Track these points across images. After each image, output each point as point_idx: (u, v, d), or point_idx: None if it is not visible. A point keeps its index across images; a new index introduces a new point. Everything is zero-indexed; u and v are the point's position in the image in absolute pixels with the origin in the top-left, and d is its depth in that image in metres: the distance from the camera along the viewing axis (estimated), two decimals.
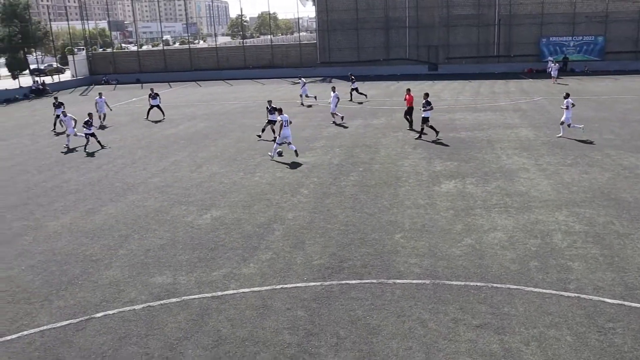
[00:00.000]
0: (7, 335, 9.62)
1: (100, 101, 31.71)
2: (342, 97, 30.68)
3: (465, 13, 53.26)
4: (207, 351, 8.84)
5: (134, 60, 62.58)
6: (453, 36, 53.66)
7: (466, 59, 53.77)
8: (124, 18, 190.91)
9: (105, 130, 29.92)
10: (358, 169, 19.35)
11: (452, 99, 36.05)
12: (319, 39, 56.76)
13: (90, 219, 15.42)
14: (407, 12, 53.78)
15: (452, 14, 53.36)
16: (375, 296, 10.34)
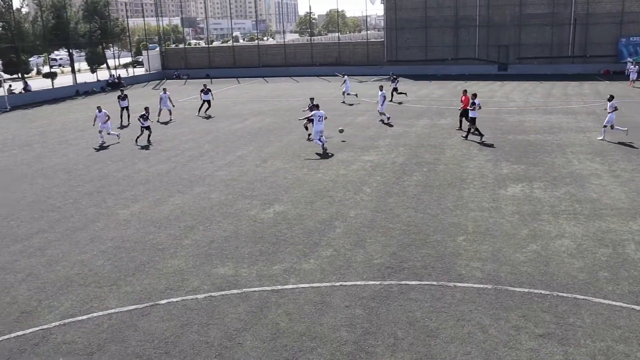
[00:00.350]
0: (78, 316, 10.11)
1: (165, 97, 32.10)
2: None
3: (538, 12, 51.59)
4: (265, 343, 8.99)
5: (204, 56, 64.19)
6: (525, 35, 52.10)
7: (538, 59, 52.10)
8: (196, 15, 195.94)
9: (173, 124, 30.85)
10: (422, 169, 19.14)
11: (521, 100, 35.04)
12: (387, 37, 56.40)
13: (158, 209, 15.96)
14: (477, 11, 52.64)
15: (524, 13, 51.81)
16: (435, 298, 10.21)
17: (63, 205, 16.71)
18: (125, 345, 9.11)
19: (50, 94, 46.92)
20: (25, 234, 14.42)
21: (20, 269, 12.27)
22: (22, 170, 21.45)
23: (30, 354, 8.98)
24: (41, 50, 53.01)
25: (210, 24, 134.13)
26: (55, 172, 21.00)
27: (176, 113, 33.49)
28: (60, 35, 51.72)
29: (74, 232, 14.39)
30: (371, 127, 27.31)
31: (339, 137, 24.24)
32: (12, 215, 15.98)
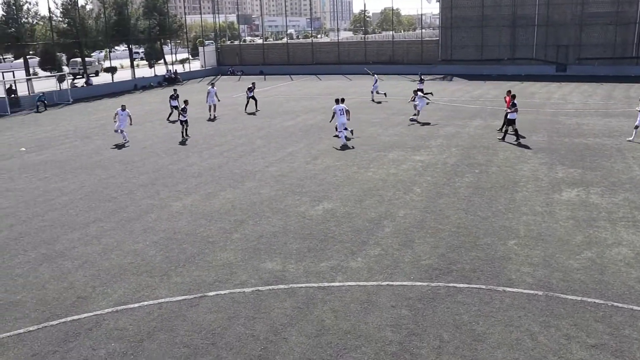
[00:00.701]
0: (130, 303, 10.43)
1: (212, 91, 32.26)
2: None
3: (601, 11, 49.75)
4: (310, 339, 9.04)
5: (258, 53, 64.90)
6: (586, 35, 50.37)
7: (599, 60, 50.28)
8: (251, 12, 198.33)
9: (226, 120, 31.33)
10: (474, 170, 18.81)
11: (580, 102, 33.95)
12: (442, 36, 55.61)
13: (209, 202, 16.26)
14: (536, 10, 51.21)
15: (586, 12, 50.06)
16: (483, 302, 10.04)
17: (119, 196, 17.25)
18: (173, 334, 9.34)
19: (110, 88, 48.46)
20: (82, 223, 14.96)
21: (78, 256, 12.75)
22: (82, 161, 22.26)
23: (84, 338, 9.33)
24: (103, 46, 54.73)
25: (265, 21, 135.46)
26: (113, 163, 21.69)
27: (230, 109, 34.01)
28: (121, 31, 53.32)
29: (129, 222, 14.84)
30: (423, 127, 27.03)
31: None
32: (71, 204, 16.61)
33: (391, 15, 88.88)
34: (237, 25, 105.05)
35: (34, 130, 30.59)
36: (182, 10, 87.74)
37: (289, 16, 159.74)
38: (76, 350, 8.97)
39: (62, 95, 42.79)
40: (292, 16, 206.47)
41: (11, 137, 28.36)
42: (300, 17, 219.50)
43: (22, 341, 9.31)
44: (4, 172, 21.04)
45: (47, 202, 16.91)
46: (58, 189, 18.39)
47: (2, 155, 24.12)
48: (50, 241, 13.72)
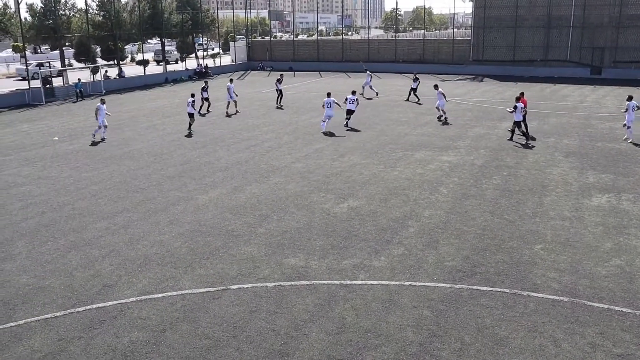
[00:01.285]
0: (154, 293, 10.57)
1: (231, 87, 32.02)
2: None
3: None
4: (331, 336, 9.05)
5: (289, 49, 65.04)
6: (623, 37, 49.23)
7: (636, 64, 49.15)
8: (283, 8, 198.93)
9: (255, 115, 31.48)
10: (502, 172, 18.59)
11: (614, 107, 33.23)
12: (474, 36, 54.98)
13: (235, 197, 16.38)
14: (572, 11, 50.24)
15: (625, 14, 48.91)
16: (507, 306, 9.92)
17: (147, 187, 17.48)
18: (195, 325, 9.44)
19: (142, 80, 49.11)
20: (110, 212, 15.21)
21: (105, 244, 12.97)
22: (112, 152, 22.62)
23: (108, 325, 9.49)
24: (136, 39, 55.44)
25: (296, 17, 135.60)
26: (142, 155, 21.99)
27: (259, 104, 34.16)
28: (154, 25, 53.96)
29: (155, 214, 15.03)
30: (451, 127, 26.79)
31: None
32: (100, 194, 16.90)
33: (423, 14, 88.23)
34: (269, 21, 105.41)
35: (67, 120, 31.18)
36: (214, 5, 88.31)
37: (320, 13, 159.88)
38: (100, 337, 9.13)
39: (95, 86, 43.53)
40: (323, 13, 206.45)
41: (45, 127, 28.95)
42: (331, 14, 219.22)
43: (49, 326, 9.52)
44: (37, 160, 21.51)
45: (77, 191, 17.23)
46: (88, 178, 18.72)
47: (35, 143, 24.65)
48: (79, 229, 13.98)
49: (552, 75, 49.83)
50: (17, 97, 38.37)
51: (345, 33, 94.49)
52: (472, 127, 26.76)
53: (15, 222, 14.58)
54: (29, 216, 15.05)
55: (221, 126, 27.65)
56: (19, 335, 9.25)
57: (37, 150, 23.28)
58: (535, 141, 23.25)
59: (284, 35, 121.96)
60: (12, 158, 21.98)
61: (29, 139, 25.82)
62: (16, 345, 8.96)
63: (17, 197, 16.80)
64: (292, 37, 73.41)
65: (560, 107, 32.57)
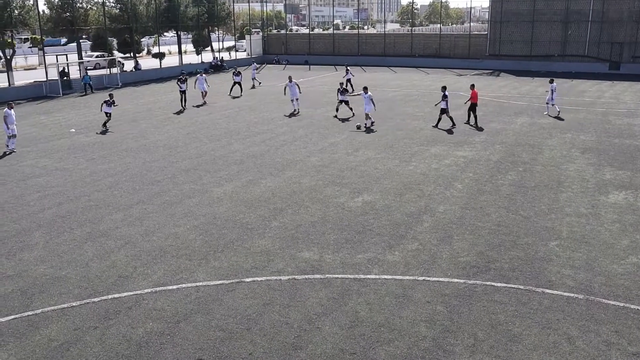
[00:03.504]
0: (169, 285, 10.66)
1: (201, 78, 33.56)
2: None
3: None
4: (343, 330, 9.07)
5: (304, 43, 64.98)
6: None
7: None
8: (299, 1, 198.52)
9: (270, 108, 31.51)
10: (517, 168, 18.46)
11: (633, 102, 32.82)
12: (490, 30, 54.53)
13: (250, 190, 16.44)
14: (591, 5, 49.62)
15: None
16: (521, 303, 9.87)
17: (162, 180, 17.60)
18: (209, 317, 9.51)
19: (158, 73, 49.34)
20: (126, 204, 15.34)
21: (121, 236, 13.09)
22: (128, 144, 22.79)
23: (123, 316, 9.59)
24: (152, 32, 55.70)
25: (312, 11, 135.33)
26: (157, 147, 22.13)
27: (274, 97, 34.17)
28: (170, 18, 54.16)
29: (170, 206, 15.14)
30: (466, 122, 26.61)
31: None
32: (116, 186, 17.05)
33: (439, 8, 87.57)
34: (284, 15, 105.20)
35: (84, 112, 31.44)
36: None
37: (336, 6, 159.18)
38: (115, 328, 9.23)
39: (111, 79, 43.83)
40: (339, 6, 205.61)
41: (62, 118, 29.22)
42: (347, 8, 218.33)
43: (65, 315, 9.64)
44: (55, 152, 21.73)
45: (94, 183, 17.40)
46: (104, 170, 18.89)
47: (53, 135, 24.91)
48: (95, 220, 14.12)
49: (570, 70, 49.32)
50: (35, 89, 38.76)
51: (361, 27, 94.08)
52: (488, 122, 26.57)
53: (33, 213, 14.77)
54: (46, 207, 15.23)
55: (236, 119, 27.74)
56: (36, 324, 9.38)
57: (54, 142, 23.52)
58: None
59: (299, 28, 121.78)
60: (30, 149, 22.23)
61: (46, 130, 26.09)
62: (33, 334, 9.09)
63: (35, 188, 17.00)
64: (307, 31, 73.29)
65: (578, 103, 32.25)
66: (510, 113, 29.03)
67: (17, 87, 38.60)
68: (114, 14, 50.25)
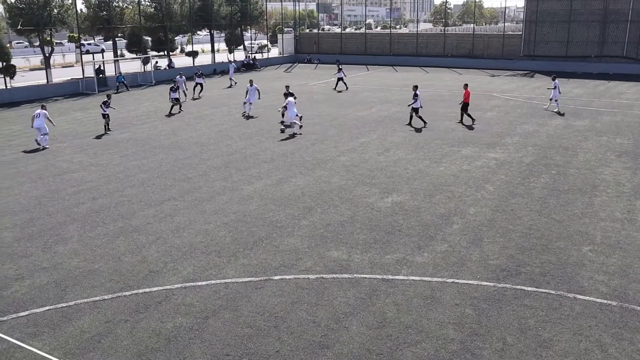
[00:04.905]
0: (198, 281, 10.79)
1: (180, 80, 33.75)
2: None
3: None
4: (371, 330, 9.06)
5: (336, 42, 64.95)
6: None
7: None
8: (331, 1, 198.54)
9: (301, 107, 31.59)
10: (551, 171, 18.15)
11: None
12: (525, 30, 53.66)
13: (280, 188, 16.52)
14: (630, 5, 48.41)
15: None
16: (552, 308, 9.71)
17: (193, 177, 17.81)
18: (238, 314, 9.59)
19: (190, 71, 49.81)
20: (158, 200, 15.57)
21: (152, 231, 13.29)
22: (160, 141, 23.12)
23: (153, 310, 9.74)
24: (186, 30, 56.33)
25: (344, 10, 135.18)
26: (189, 144, 22.40)
27: (306, 97, 34.25)
28: (203, 17, 54.72)
29: (201, 203, 15.31)
30: (499, 123, 26.29)
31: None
32: (149, 182, 17.32)
33: (473, 8, 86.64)
34: (317, 14, 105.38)
35: (118, 109, 31.97)
36: None
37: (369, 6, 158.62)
38: (145, 321, 9.38)
39: (145, 77, 44.51)
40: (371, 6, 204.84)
41: (97, 115, 29.74)
42: (379, 7, 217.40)
43: (97, 308, 9.84)
44: (89, 148, 22.18)
45: (127, 179, 17.70)
46: (137, 166, 19.20)
47: (88, 131, 25.41)
48: (127, 216, 14.38)
49: (607, 71, 48.23)
50: (72, 86, 39.62)
51: (394, 26, 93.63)
52: (521, 124, 26.19)
53: (68, 207, 15.11)
54: (80, 202, 15.56)
55: (267, 118, 27.88)
56: (70, 316, 9.60)
57: (89, 138, 24.01)
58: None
59: (331, 28, 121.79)
60: (66, 145, 22.74)
61: (82, 126, 26.64)
62: (66, 325, 9.30)
63: (70, 182, 17.38)
64: (339, 30, 73.24)
65: (614, 105, 31.55)
66: (544, 115, 28.55)
67: (54, 84, 39.48)
68: (149, 13, 50.97)
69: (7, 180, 17.74)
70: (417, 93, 25.51)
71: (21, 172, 18.77)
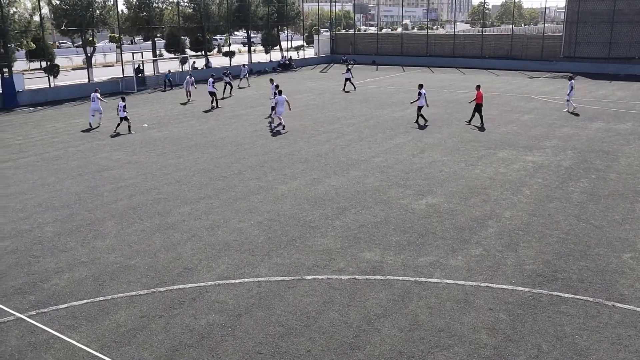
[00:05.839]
0: (232, 279, 10.90)
1: (190, 80, 35.09)
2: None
3: None
4: (402, 333, 9.01)
5: (372, 42, 64.76)
6: None
7: None
8: (368, 1, 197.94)
9: (336, 107, 31.59)
10: (590, 175, 17.74)
11: None
12: (566, 31, 52.56)
13: (314, 188, 16.56)
14: None
15: None
16: (589, 316, 9.49)
17: (228, 175, 18.00)
18: (270, 312, 9.65)
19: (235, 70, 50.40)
20: (193, 198, 15.79)
21: (187, 229, 13.48)
22: (197, 140, 23.43)
23: (187, 306, 9.88)
24: (224, 31, 56.96)
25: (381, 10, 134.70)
26: (225, 144, 22.64)
27: (341, 97, 34.25)
28: (241, 17, 55.26)
29: (236, 201, 15.46)
30: (537, 126, 25.82)
31: None
32: (185, 180, 17.57)
33: (512, 8, 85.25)
34: (353, 14, 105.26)
35: (157, 108, 32.56)
36: None
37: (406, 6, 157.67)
38: (179, 317, 9.53)
39: (183, 76, 45.12)
40: (408, 7, 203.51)
41: (136, 114, 30.35)
42: (416, 8, 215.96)
43: (133, 303, 10.03)
44: (128, 145, 22.63)
45: (164, 176, 18.00)
46: (174, 164, 19.51)
47: (127, 129, 25.90)
48: (163, 213, 14.62)
49: None
50: (112, 85, 40.49)
51: (430, 27, 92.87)
52: (560, 126, 25.67)
53: (106, 204, 15.44)
54: (118, 198, 15.89)
55: (303, 118, 27.99)
56: (106, 310, 9.81)
57: (127, 136, 24.48)
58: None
59: (368, 28, 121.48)
60: (105, 143, 23.25)
61: (121, 125, 27.14)
62: (103, 319, 9.51)
63: (109, 179, 17.76)
64: (375, 31, 73.00)
65: None
66: (584, 118, 27.92)
67: (95, 83, 40.38)
68: (188, 14, 51.72)
69: (50, 177, 18.24)
70: (421, 92, 26.05)
71: (62, 168, 19.27)
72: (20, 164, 19.98)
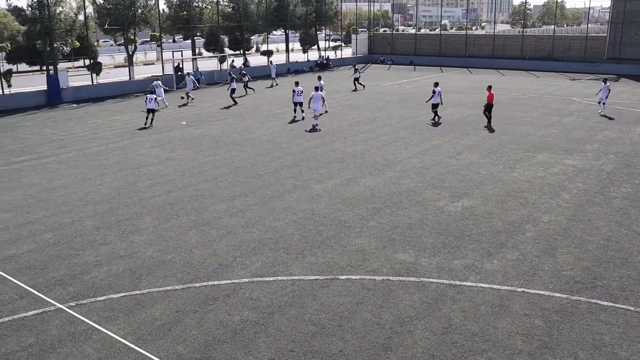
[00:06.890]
0: (266, 277, 10.98)
1: (189, 79, 35.47)
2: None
3: None
4: (436, 336, 8.93)
5: (410, 43, 64.34)
6: None
7: None
8: (406, 1, 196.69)
9: (372, 108, 31.47)
10: (634, 180, 17.26)
11: None
12: (610, 32, 51.21)
13: (349, 188, 16.55)
14: None
15: None
16: (630, 325, 9.24)
17: (264, 174, 18.13)
18: (303, 311, 9.69)
19: (265, 70, 50.69)
20: (229, 195, 15.96)
21: (223, 226, 13.64)
22: (234, 138, 23.67)
23: (221, 303, 9.99)
24: (262, 30, 57.41)
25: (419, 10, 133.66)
26: (262, 142, 22.81)
27: (377, 97, 34.10)
28: (279, 17, 55.59)
29: (271, 200, 15.56)
30: (578, 129, 25.25)
31: None
32: (221, 177, 17.77)
33: (555, 8, 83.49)
34: (391, 14, 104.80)
35: (195, 106, 32.99)
36: None
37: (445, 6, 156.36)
38: (213, 313, 9.64)
39: (221, 75, 45.65)
40: (447, 7, 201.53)
41: (174, 111, 30.86)
42: (456, 8, 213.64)
43: (169, 297, 10.20)
44: (167, 142, 23.01)
45: (201, 173, 18.24)
46: (211, 162, 19.75)
47: (166, 127, 26.36)
48: (200, 209, 14.81)
49: None
50: (152, 82, 41.12)
51: (470, 27, 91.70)
52: (602, 130, 25.05)
53: (144, 199, 15.74)
54: (156, 194, 16.18)
55: (339, 118, 27.99)
56: (143, 303, 10.00)
57: (166, 133, 24.90)
58: None
59: (406, 28, 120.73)
60: (145, 139, 23.69)
61: (160, 122, 27.65)
62: (139, 312, 9.70)
63: (147, 175, 18.10)
64: (414, 31, 72.51)
65: None
66: (628, 121, 27.18)
67: (136, 81, 41.19)
68: (227, 13, 52.31)
69: (91, 172, 18.69)
70: (436, 90, 26.66)
71: (103, 164, 19.72)
72: (63, 159, 20.53)
